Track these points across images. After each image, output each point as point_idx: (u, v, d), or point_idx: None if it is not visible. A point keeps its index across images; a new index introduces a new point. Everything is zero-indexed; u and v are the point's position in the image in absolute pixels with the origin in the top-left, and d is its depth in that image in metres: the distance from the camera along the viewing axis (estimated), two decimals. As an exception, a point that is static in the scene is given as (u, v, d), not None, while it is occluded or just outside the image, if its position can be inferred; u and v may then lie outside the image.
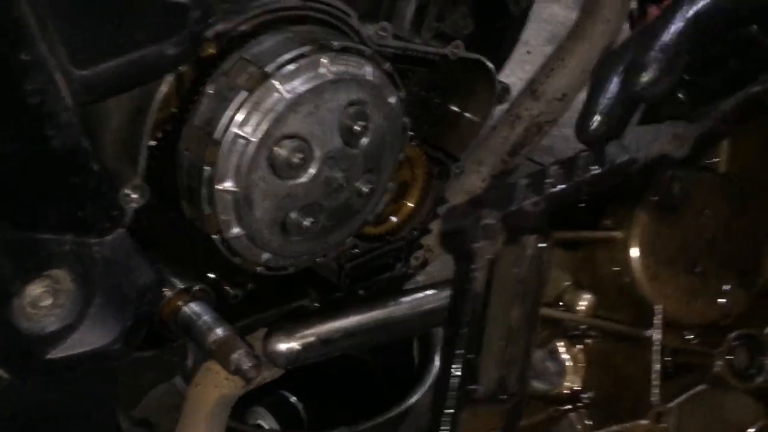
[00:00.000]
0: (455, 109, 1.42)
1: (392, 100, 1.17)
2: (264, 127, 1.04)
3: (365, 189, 1.17)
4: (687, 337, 0.89)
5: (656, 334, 0.83)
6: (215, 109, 1.06)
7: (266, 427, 1.84)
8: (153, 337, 1.19)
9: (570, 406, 0.88)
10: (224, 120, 1.04)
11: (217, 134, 1.05)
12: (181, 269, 1.17)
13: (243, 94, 1.04)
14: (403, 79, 1.31)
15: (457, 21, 1.36)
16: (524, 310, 0.82)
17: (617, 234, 0.87)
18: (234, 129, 1.04)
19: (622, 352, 0.87)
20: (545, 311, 0.87)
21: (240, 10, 1.07)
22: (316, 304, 1.37)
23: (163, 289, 1.13)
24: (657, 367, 0.84)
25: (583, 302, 0.88)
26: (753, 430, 0.93)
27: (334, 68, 1.08)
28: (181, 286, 1.13)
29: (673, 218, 0.87)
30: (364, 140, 1.14)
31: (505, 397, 0.82)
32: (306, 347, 1.35)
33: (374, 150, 1.16)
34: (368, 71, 1.12)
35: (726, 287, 0.88)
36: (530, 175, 0.87)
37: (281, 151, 1.07)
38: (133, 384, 1.36)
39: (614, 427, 0.86)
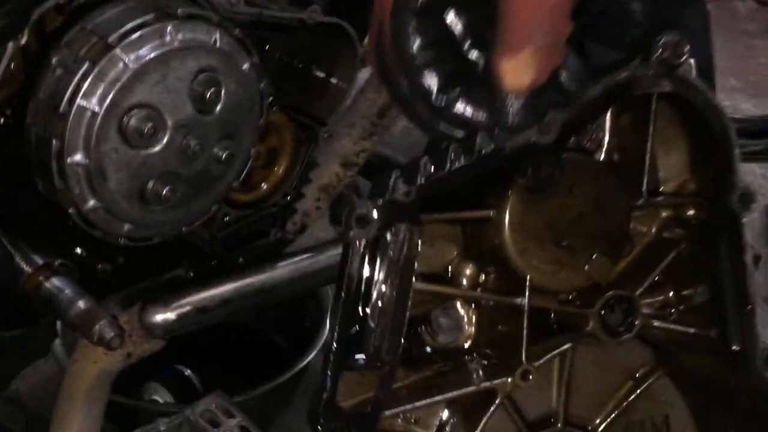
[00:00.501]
0: (320, 74, 1.44)
1: (245, 66, 1.18)
2: (110, 97, 1.04)
3: (223, 155, 1.18)
4: (567, 299, 0.96)
5: (524, 301, 0.90)
6: (60, 81, 1.05)
7: (161, 401, 1.84)
8: (20, 316, 1.19)
9: (468, 357, 0.94)
10: (69, 92, 1.04)
11: (63, 108, 1.04)
12: (45, 246, 1.17)
13: (87, 65, 1.04)
14: (262, 45, 1.32)
15: (316, -15, 1.37)
16: (396, 290, 0.87)
17: (490, 213, 0.92)
18: (80, 101, 1.04)
19: (503, 314, 0.94)
20: (429, 286, 0.92)
21: (80, -19, 1.06)
22: (191, 274, 1.38)
23: (23, 266, 1.12)
24: (525, 330, 0.90)
25: (468, 271, 0.94)
26: (643, 371, 1.00)
27: (180, 36, 1.08)
28: (40, 262, 1.12)
29: (542, 198, 0.92)
30: (218, 107, 1.15)
31: (379, 365, 0.87)
32: (182, 316, 1.36)
33: (229, 116, 1.17)
34: (217, 38, 1.13)
35: (593, 257, 0.92)
36: (404, 166, 0.92)
37: (131, 121, 1.07)
38: (2, 364, 1.34)
39: (486, 384, 0.92)
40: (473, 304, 0.95)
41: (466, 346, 0.95)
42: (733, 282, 0.92)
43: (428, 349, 0.96)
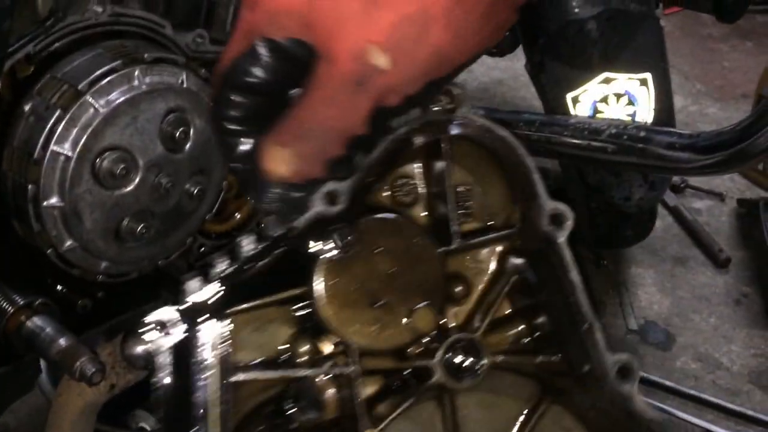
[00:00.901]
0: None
1: (213, 104, 1.22)
2: (82, 142, 1.08)
3: (195, 190, 1.22)
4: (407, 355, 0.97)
5: (353, 371, 0.92)
6: (33, 128, 1.09)
7: (148, 429, 1.86)
8: (3, 355, 1.21)
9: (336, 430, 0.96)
10: (42, 139, 1.07)
11: (37, 154, 1.08)
12: (25, 286, 1.20)
13: (59, 112, 1.08)
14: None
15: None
16: (213, 386, 0.89)
17: (300, 291, 0.94)
18: (53, 147, 1.07)
19: (344, 389, 0.95)
20: (266, 374, 0.94)
21: (49, 31, 1.10)
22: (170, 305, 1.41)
23: (4, 305, 1.15)
24: (359, 399, 0.91)
25: (305, 348, 0.96)
26: (531, 403, 0.99)
27: (148, 79, 1.12)
28: (21, 301, 1.15)
29: (348, 264, 0.93)
30: (188, 145, 1.19)
31: None
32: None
33: (199, 153, 1.21)
34: (183, 79, 1.16)
35: (413, 310, 0.93)
36: (200, 267, 0.93)
37: (104, 163, 1.10)
38: (-12, 401, 1.38)
39: None
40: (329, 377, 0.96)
41: (332, 417, 0.95)
42: (565, 303, 0.90)
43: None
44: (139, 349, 1.43)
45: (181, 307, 0.90)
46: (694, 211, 2.73)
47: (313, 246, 0.92)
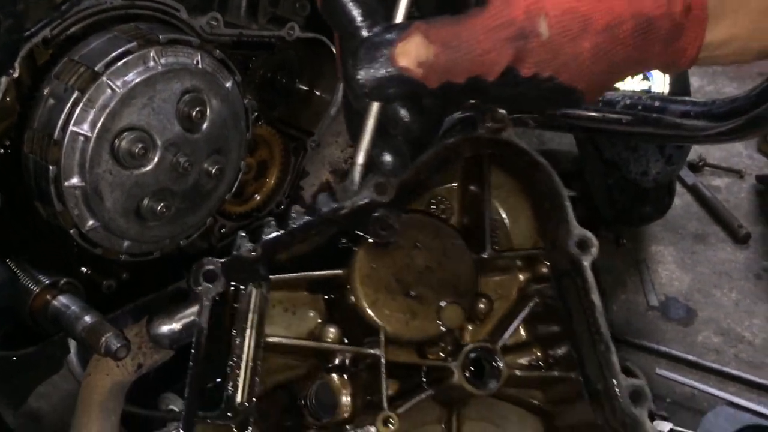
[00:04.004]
0: (303, 87, 1.47)
1: (228, 84, 1.21)
2: (101, 122, 1.08)
3: (213, 170, 1.21)
4: (430, 353, 0.99)
5: (380, 352, 0.93)
6: (52, 111, 1.09)
7: (177, 410, 1.86)
8: (32, 335, 1.22)
9: (349, 427, 0.96)
10: (61, 120, 1.07)
11: (57, 135, 1.08)
12: (50, 267, 1.20)
13: (76, 94, 1.07)
14: (244, 63, 1.36)
15: (293, 4, 1.40)
16: (249, 340, 0.91)
17: (341, 271, 0.96)
18: (72, 128, 1.07)
19: (371, 376, 0.96)
20: (298, 342, 0.96)
21: (65, 15, 1.10)
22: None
23: (30, 286, 1.15)
24: (383, 377, 0.92)
25: (331, 334, 0.98)
26: None
27: (163, 60, 1.12)
28: (46, 281, 1.15)
29: (388, 253, 0.96)
30: (204, 125, 1.18)
31: (231, 415, 0.89)
32: (187, 327, 1.37)
33: (216, 133, 1.20)
34: (199, 60, 1.16)
35: (443, 305, 0.96)
36: (254, 228, 0.94)
37: (122, 143, 1.10)
38: (18, 381, 1.38)
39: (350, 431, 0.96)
40: (345, 376, 0.97)
41: (346, 416, 0.97)
42: (585, 322, 0.93)
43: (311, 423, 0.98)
44: (165, 328, 1.43)
45: (227, 260, 0.91)
46: (713, 188, 2.68)
47: (358, 229, 0.94)
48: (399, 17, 0.82)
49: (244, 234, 0.93)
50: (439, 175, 1.02)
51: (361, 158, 0.85)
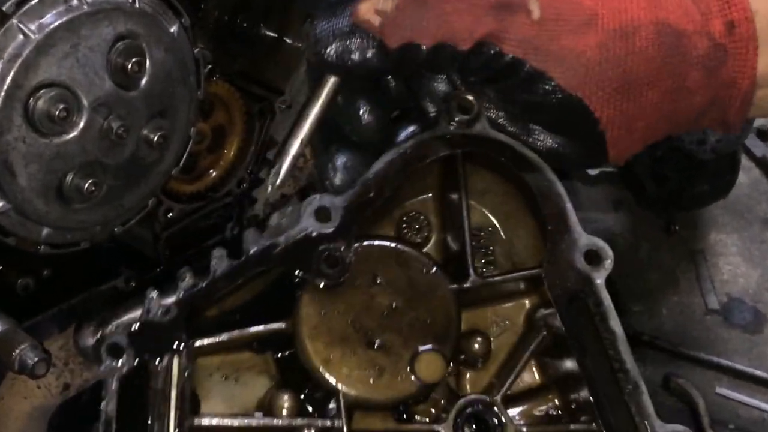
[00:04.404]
0: (269, 33, 1.45)
1: (173, 29, 1.20)
2: (10, 77, 1.06)
3: (155, 137, 1.20)
4: (413, 414, 0.98)
5: (341, 424, 0.92)
6: (-50, 62, 1.07)
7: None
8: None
9: None
10: (-39, 74, 1.06)
11: (-45, 93, 1.06)
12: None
13: (-21, 41, 1.06)
14: (195, 3, 1.34)
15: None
16: (172, 428, 0.90)
17: (282, 325, 0.96)
18: (-25, 84, 1.06)
19: None
20: (238, 423, 0.94)
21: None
22: (133, 284, 1.40)
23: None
24: None
25: (285, 403, 0.96)
26: None
27: (89, -2, 1.10)
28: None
29: (340, 295, 0.95)
30: (143, 80, 1.17)
31: None
32: (127, 335, 1.38)
33: (158, 90, 1.19)
34: (135, -2, 1.14)
35: (416, 354, 0.95)
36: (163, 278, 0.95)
37: (39, 104, 1.08)
38: None
39: None
40: None
41: None
42: (604, 357, 0.91)
43: None
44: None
45: (133, 330, 0.91)
46: (788, 162, 2.68)
47: (299, 270, 0.94)
48: None
49: (153, 291, 0.93)
50: (406, 187, 1.01)
51: (294, 147, 0.90)
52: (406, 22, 0.84)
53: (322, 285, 0.95)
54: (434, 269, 0.99)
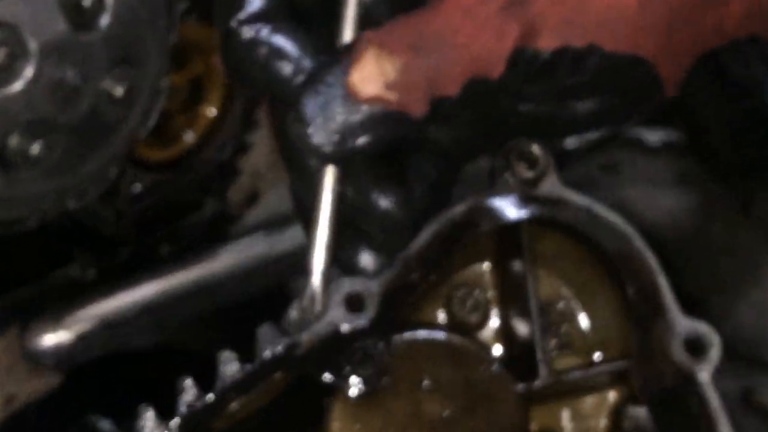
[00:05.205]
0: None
1: (140, -44, 1.20)
2: (-59, 14, 1.06)
3: (118, 91, 1.20)
4: None
5: None
6: None
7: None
8: None
9: None
10: None
11: None
12: None
13: None
14: None
15: None
16: None
17: None
18: None
19: None
20: None
21: None
22: (91, 273, 1.40)
23: None
24: None
25: None
26: None
27: None
28: None
29: (379, 403, 0.95)
30: (103, 19, 1.17)
31: None
32: (83, 337, 1.38)
33: (122, 33, 1.19)
34: None
35: None
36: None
37: (-25, 49, 1.09)
38: None
39: None
40: None
41: None
42: None
43: None
44: (49, 340, 1.44)
45: None
46: None
47: (327, 375, 0.94)
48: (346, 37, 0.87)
49: (148, 410, 0.93)
50: (455, 255, 1.00)
51: (319, 263, 0.88)
52: (421, 81, 0.85)
53: (356, 392, 0.95)
54: (495, 366, 0.98)
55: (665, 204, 2.24)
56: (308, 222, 0.90)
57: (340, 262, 0.92)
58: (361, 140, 0.84)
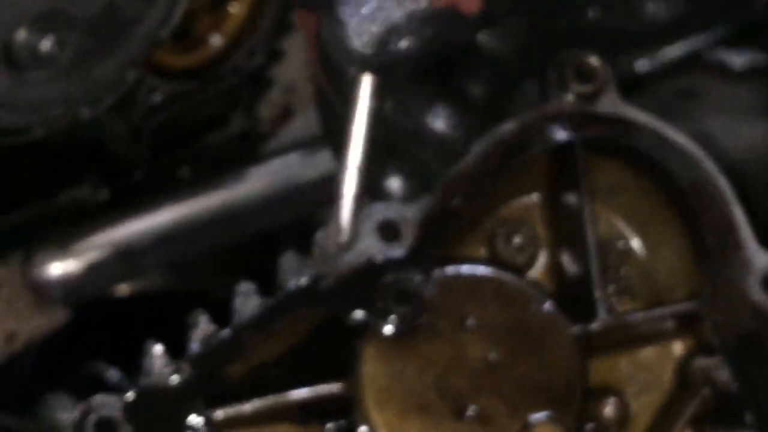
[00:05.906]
0: None
1: None
2: None
3: (139, -19, 1.20)
4: None
5: None
6: None
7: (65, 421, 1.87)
8: None
9: None
10: None
11: None
12: None
13: None
14: None
15: None
16: None
17: (337, 387, 0.96)
18: None
19: None
20: None
21: None
22: (103, 195, 1.41)
23: None
24: None
25: None
26: None
27: None
28: None
29: (417, 345, 0.96)
30: None
31: None
32: (93, 267, 1.39)
33: None
34: None
35: (532, 426, 0.96)
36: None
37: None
38: None
39: None
40: None
41: None
42: None
43: None
44: (56, 269, 1.45)
45: (130, 399, 0.93)
46: None
47: (358, 313, 0.94)
48: None
49: (156, 344, 0.95)
50: (501, 185, 1.00)
51: (350, 186, 0.89)
52: None
53: (391, 332, 0.95)
54: (548, 305, 0.98)
55: (749, 135, 2.22)
56: (338, 143, 0.91)
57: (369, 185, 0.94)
58: (405, 43, 0.83)
